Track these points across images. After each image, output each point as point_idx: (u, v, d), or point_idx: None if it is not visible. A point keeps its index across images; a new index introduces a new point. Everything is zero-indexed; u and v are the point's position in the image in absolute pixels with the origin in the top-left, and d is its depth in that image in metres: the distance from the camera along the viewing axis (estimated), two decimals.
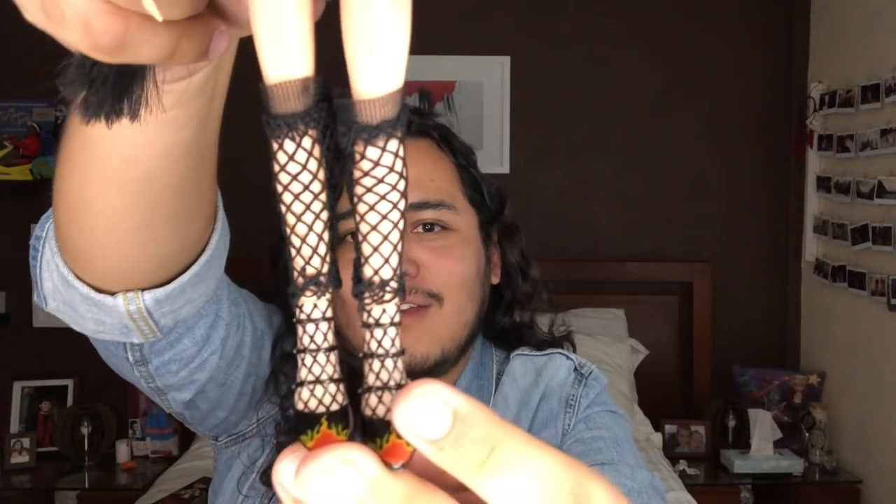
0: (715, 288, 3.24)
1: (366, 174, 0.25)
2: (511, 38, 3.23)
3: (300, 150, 0.25)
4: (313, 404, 0.26)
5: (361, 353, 0.26)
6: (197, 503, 2.43)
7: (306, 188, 0.25)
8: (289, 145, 0.25)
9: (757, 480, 2.83)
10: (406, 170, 0.25)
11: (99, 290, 0.59)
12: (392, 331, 0.26)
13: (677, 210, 3.28)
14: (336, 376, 0.26)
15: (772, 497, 2.89)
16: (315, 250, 0.26)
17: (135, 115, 0.31)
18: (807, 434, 2.97)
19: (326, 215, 0.26)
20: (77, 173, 0.50)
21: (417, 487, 0.23)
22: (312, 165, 0.25)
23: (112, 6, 0.25)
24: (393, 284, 0.26)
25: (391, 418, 0.23)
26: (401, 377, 0.26)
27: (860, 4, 2.85)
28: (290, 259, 0.26)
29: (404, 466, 0.25)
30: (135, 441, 2.99)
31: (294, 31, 0.24)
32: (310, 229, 0.25)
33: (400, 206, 0.25)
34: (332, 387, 0.26)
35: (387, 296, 0.26)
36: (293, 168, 0.25)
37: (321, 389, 0.26)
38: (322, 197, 0.25)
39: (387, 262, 0.25)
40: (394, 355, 0.26)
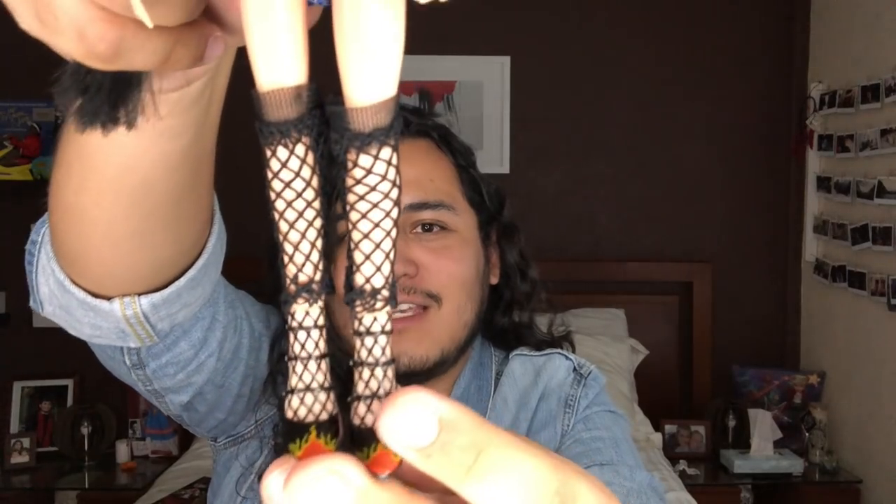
0: (715, 288, 3.23)
1: (358, 182, 0.25)
2: (511, 38, 3.23)
3: (293, 158, 0.25)
4: (302, 413, 0.26)
5: (352, 361, 0.26)
6: (197, 503, 2.43)
7: (299, 195, 0.25)
8: (282, 152, 0.25)
9: (757, 480, 2.83)
10: (399, 178, 0.25)
11: (95, 295, 0.58)
12: (383, 339, 0.26)
13: (677, 210, 3.28)
14: (327, 385, 0.26)
15: (772, 497, 2.88)
16: (307, 258, 0.25)
17: (131, 124, 0.31)
18: (807, 434, 2.97)
19: (319, 223, 0.26)
20: (73, 180, 0.49)
21: (405, 497, 0.24)
22: (306, 173, 0.25)
23: (106, 13, 0.25)
24: (384, 293, 0.26)
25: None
26: (390, 386, 0.26)
27: (860, 4, 2.84)
28: (283, 266, 0.26)
29: (392, 476, 0.24)
30: (135, 441, 2.99)
31: (287, 39, 0.24)
32: (302, 237, 0.25)
33: (392, 215, 0.25)
34: (323, 395, 0.26)
35: (378, 304, 0.25)
36: (286, 175, 0.25)
37: (311, 398, 0.26)
38: (315, 204, 0.25)
39: (378, 271, 0.25)
40: (384, 364, 0.26)
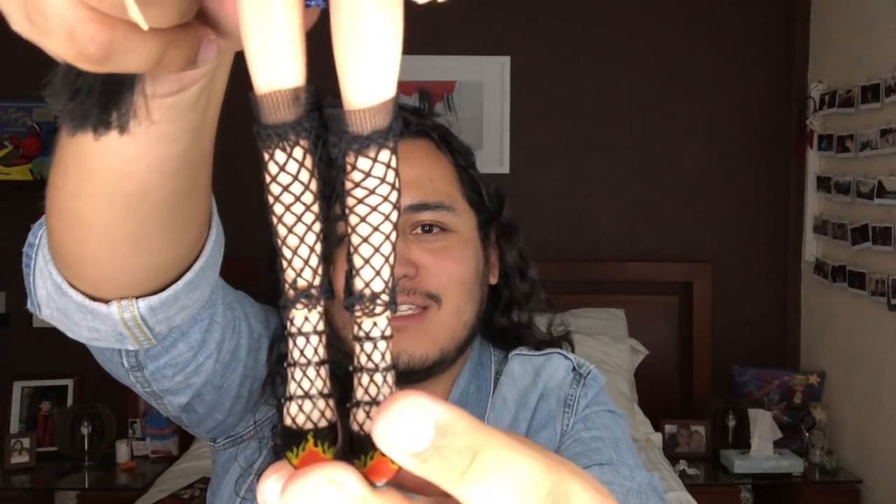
0: (715, 288, 3.23)
1: (357, 185, 0.24)
2: (511, 38, 3.23)
3: (291, 161, 0.24)
4: (301, 420, 0.25)
5: (351, 367, 0.26)
6: (197, 503, 2.43)
7: (297, 199, 0.25)
8: (279, 156, 0.24)
9: (757, 480, 2.83)
10: (398, 181, 0.25)
11: (93, 298, 0.58)
12: (382, 345, 0.25)
13: (677, 210, 3.27)
14: (326, 391, 0.26)
15: (772, 497, 2.88)
16: (306, 262, 0.25)
17: (123, 128, 0.30)
18: (807, 434, 2.97)
19: (318, 227, 0.25)
20: (69, 185, 0.49)
21: None
22: (304, 176, 0.25)
23: (97, 13, 0.25)
24: (384, 297, 0.25)
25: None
26: (390, 392, 0.25)
27: (860, 4, 2.84)
28: (281, 271, 0.25)
29: (389, 483, 0.24)
30: (135, 441, 2.99)
31: (284, 41, 0.24)
32: (301, 241, 0.25)
33: (392, 218, 0.25)
34: (321, 402, 0.25)
35: (377, 309, 0.25)
36: (284, 179, 0.24)
37: (309, 405, 0.25)
38: (314, 208, 0.25)
39: (378, 275, 0.25)
40: (383, 370, 0.25)
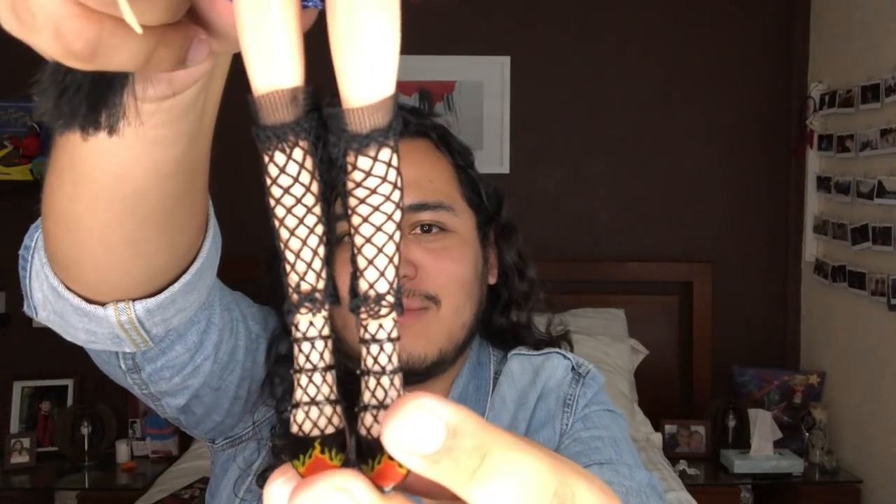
0: (715, 288, 3.23)
1: (358, 185, 0.24)
2: (511, 38, 3.23)
3: (291, 162, 0.24)
4: (307, 427, 0.25)
5: (358, 370, 0.25)
6: (196, 503, 2.43)
7: (299, 201, 0.24)
8: (279, 157, 0.24)
9: (757, 480, 2.83)
10: (401, 179, 0.24)
11: (90, 301, 0.58)
12: (388, 347, 0.25)
13: (677, 210, 3.27)
14: (333, 397, 0.25)
15: (772, 497, 2.88)
16: (310, 266, 0.25)
17: (113, 129, 0.30)
18: (807, 434, 2.97)
19: (321, 229, 0.25)
20: (66, 188, 0.49)
21: None
22: (305, 178, 0.24)
23: (84, 9, 0.24)
24: (389, 298, 0.25)
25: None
26: (397, 395, 0.25)
27: (860, 4, 2.84)
28: (285, 275, 0.25)
29: (396, 488, 0.24)
30: (135, 441, 2.99)
31: (281, 41, 0.23)
32: (304, 244, 0.25)
33: (395, 217, 0.24)
34: (328, 408, 0.25)
35: (383, 310, 0.25)
36: (285, 181, 0.24)
37: (316, 411, 0.25)
38: (316, 210, 0.25)
39: (382, 276, 0.25)
40: (391, 372, 0.25)
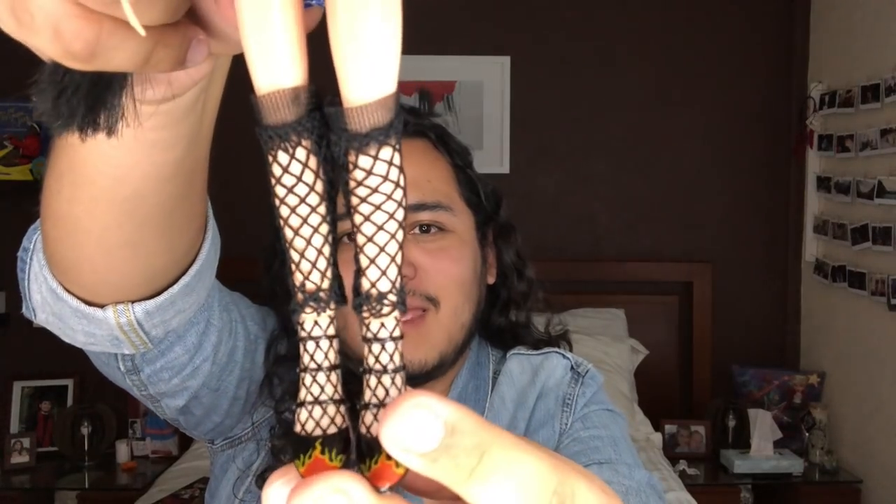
0: (715, 288, 3.23)
1: (359, 184, 0.24)
2: (511, 38, 3.23)
3: (294, 162, 0.24)
4: (310, 427, 0.25)
5: (361, 369, 0.25)
6: (196, 503, 2.43)
7: (303, 201, 0.24)
8: (282, 157, 0.24)
9: (757, 480, 2.83)
10: (403, 178, 0.24)
11: (89, 303, 0.58)
12: (391, 346, 0.25)
13: (677, 210, 3.27)
14: (336, 397, 0.25)
15: (772, 497, 2.88)
16: (314, 265, 0.25)
17: (111, 130, 0.30)
18: (807, 434, 2.97)
19: (326, 229, 0.25)
20: (65, 190, 0.48)
21: None
22: (308, 177, 0.24)
23: (83, 10, 0.24)
24: (391, 297, 0.25)
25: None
26: (399, 394, 0.25)
27: (860, 4, 2.84)
28: (290, 275, 0.25)
29: (392, 489, 0.24)
30: (135, 441, 2.99)
31: (283, 40, 0.23)
32: (308, 243, 0.25)
33: (397, 216, 0.24)
34: (332, 408, 0.25)
35: (385, 309, 0.25)
36: (288, 180, 0.24)
37: (319, 411, 0.25)
38: (320, 209, 0.25)
39: (384, 275, 0.25)
40: (392, 371, 0.25)
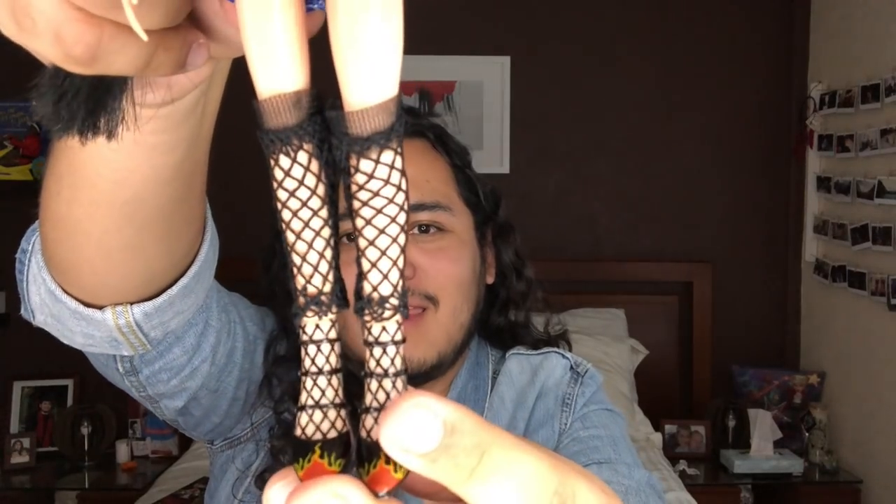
0: (715, 288, 3.23)
1: (361, 188, 0.24)
2: (511, 38, 3.23)
3: (296, 166, 0.24)
4: (311, 431, 0.25)
5: (362, 372, 0.25)
6: (196, 503, 2.43)
7: (304, 204, 0.24)
8: (284, 161, 0.24)
9: (757, 480, 2.83)
10: (405, 182, 0.24)
11: (87, 305, 0.58)
12: (392, 350, 0.25)
13: (677, 210, 3.27)
14: (337, 401, 0.25)
15: (772, 497, 2.88)
16: (316, 269, 0.25)
17: (111, 134, 0.30)
18: (807, 434, 2.97)
19: (328, 232, 0.25)
20: (64, 193, 0.49)
21: None
22: (310, 181, 0.24)
23: (84, 14, 0.24)
24: (393, 301, 0.25)
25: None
26: None
27: (860, 4, 2.84)
28: (291, 278, 0.25)
29: (391, 493, 0.24)
30: (135, 441, 2.99)
31: (284, 44, 0.23)
32: (310, 247, 0.25)
33: (399, 220, 0.24)
34: (332, 412, 0.25)
35: (386, 313, 0.25)
36: (290, 184, 0.24)
37: (320, 415, 0.25)
38: (322, 213, 0.25)
39: (385, 279, 0.25)
40: (393, 375, 0.25)
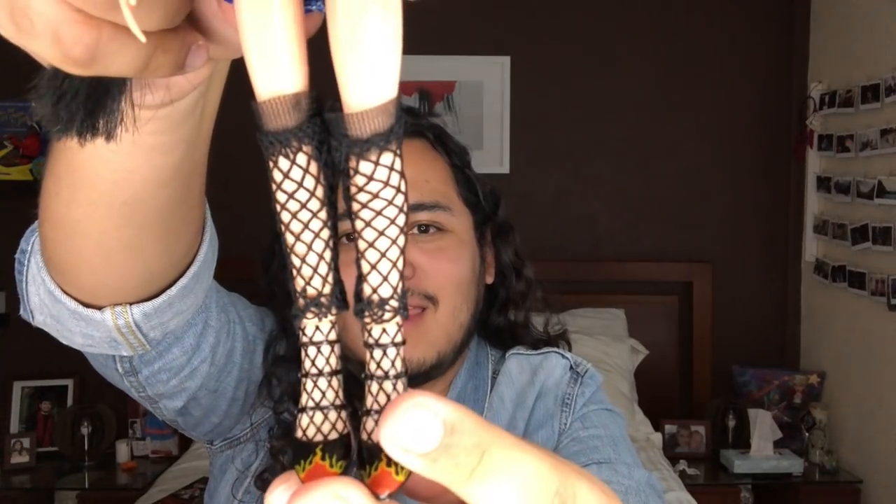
0: (715, 288, 3.23)
1: (360, 189, 0.24)
2: (511, 38, 3.23)
3: (295, 168, 0.24)
4: (311, 432, 0.25)
5: (363, 375, 0.25)
6: (196, 503, 2.43)
7: (304, 206, 0.24)
8: (283, 163, 0.24)
9: (757, 480, 2.83)
10: (404, 184, 0.24)
11: (87, 305, 0.58)
12: (392, 352, 0.25)
13: (677, 210, 3.27)
14: (338, 402, 0.25)
15: (772, 497, 2.88)
16: (316, 270, 0.25)
17: (110, 135, 0.30)
18: (807, 434, 2.97)
19: (327, 234, 0.25)
20: (63, 194, 0.49)
21: None
22: (309, 183, 0.24)
23: (83, 15, 0.24)
24: (393, 303, 0.25)
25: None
26: None
27: (860, 4, 2.84)
28: (291, 280, 0.25)
29: (392, 496, 0.24)
30: (135, 441, 2.99)
31: (283, 46, 0.23)
32: (309, 249, 0.25)
33: (398, 222, 0.24)
34: (333, 414, 0.25)
35: (386, 315, 0.25)
36: (289, 186, 0.24)
37: (321, 417, 0.25)
38: (321, 215, 0.25)
39: (386, 280, 0.25)
40: (394, 377, 0.25)
